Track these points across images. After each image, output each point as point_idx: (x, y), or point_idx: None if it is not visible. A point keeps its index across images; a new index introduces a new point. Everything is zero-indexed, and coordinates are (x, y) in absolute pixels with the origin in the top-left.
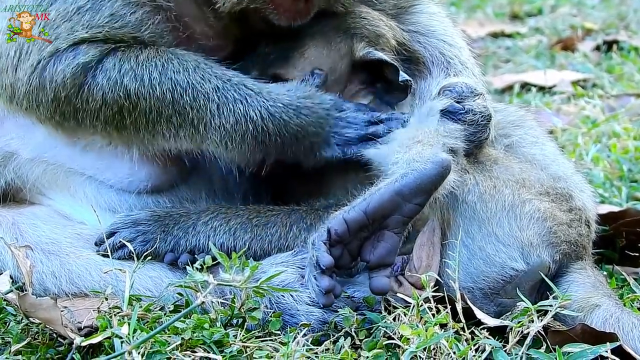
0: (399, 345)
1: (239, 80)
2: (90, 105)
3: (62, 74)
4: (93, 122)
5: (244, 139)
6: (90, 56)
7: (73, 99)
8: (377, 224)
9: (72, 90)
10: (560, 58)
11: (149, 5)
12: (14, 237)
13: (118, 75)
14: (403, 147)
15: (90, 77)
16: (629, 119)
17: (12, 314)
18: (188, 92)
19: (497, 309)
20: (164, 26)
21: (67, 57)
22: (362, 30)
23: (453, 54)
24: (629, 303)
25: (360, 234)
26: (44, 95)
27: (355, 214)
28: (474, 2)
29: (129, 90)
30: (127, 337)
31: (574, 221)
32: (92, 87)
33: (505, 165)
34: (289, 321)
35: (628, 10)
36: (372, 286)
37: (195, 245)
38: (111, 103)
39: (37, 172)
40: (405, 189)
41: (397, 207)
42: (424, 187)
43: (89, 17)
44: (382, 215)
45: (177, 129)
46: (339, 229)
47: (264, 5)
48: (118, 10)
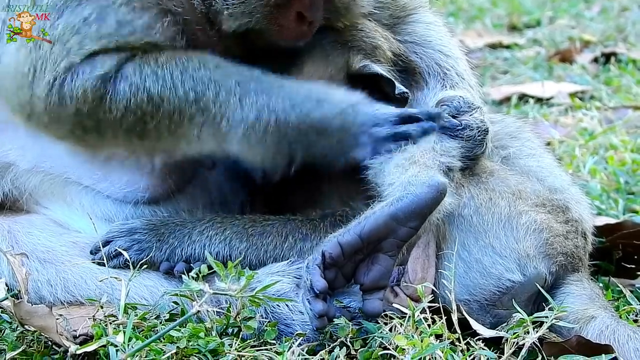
0: (394, 356)
1: (259, 74)
2: (112, 114)
3: (82, 88)
4: (115, 133)
5: (267, 132)
6: (108, 67)
7: (95, 112)
8: (371, 247)
9: (94, 103)
10: (558, 70)
11: (156, 8)
12: (10, 245)
13: (139, 80)
14: (399, 167)
15: (111, 87)
16: (626, 131)
17: (7, 322)
18: (210, 87)
19: (493, 320)
20: (174, 29)
21: (84, 71)
22: (359, 43)
23: (450, 65)
24: (624, 315)
25: (355, 257)
26: (65, 111)
27: (350, 237)
28: (472, 13)
29: (152, 93)
30: (122, 346)
31: (571, 233)
32: (114, 96)
33: (502, 177)
34: (284, 331)
35: (626, 22)
36: (365, 309)
37: (190, 255)
38: (134, 108)
39: (34, 182)
40: (401, 212)
41: (392, 230)
42: (420, 211)
43: (96, 27)
44: (376, 238)
45: (200, 129)
46: (333, 252)
47: (268, 27)
48: (124, 17)
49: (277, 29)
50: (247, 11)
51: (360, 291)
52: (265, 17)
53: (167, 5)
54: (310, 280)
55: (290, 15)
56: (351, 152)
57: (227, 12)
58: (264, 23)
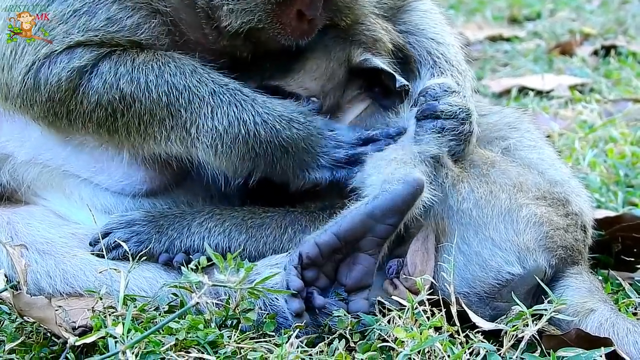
0: (393, 348)
1: (235, 86)
2: (83, 107)
3: (57, 77)
4: (85, 124)
5: (235, 143)
6: (85, 60)
7: (67, 101)
8: (350, 246)
9: (66, 93)
10: (558, 62)
11: (146, 8)
12: (9, 236)
13: (114, 79)
14: (377, 167)
15: (86, 80)
16: (626, 124)
17: (6, 313)
18: (184, 94)
19: (493, 312)
20: (160, 29)
21: (62, 60)
22: (360, 37)
23: (440, 52)
24: (624, 308)
25: (334, 257)
26: (39, 96)
27: (327, 237)
28: (472, 6)
29: (125, 93)
30: (121, 337)
31: (571, 226)
32: (86, 90)
33: (503, 168)
34: (283, 323)
35: (626, 15)
36: (350, 310)
37: (189, 246)
38: (105, 105)
39: (32, 174)
40: (377, 210)
41: (370, 228)
42: (396, 208)
43: (85, 20)
44: (354, 237)
45: (168, 131)
46: (310, 252)
47: (271, 26)
48: (114, 14)
49: (278, 27)
50: (249, 9)
51: (345, 292)
52: (266, 15)
53: (158, 5)
54: (286, 280)
55: (290, 13)
56: (310, 171)
57: (227, 9)
58: (265, 21)
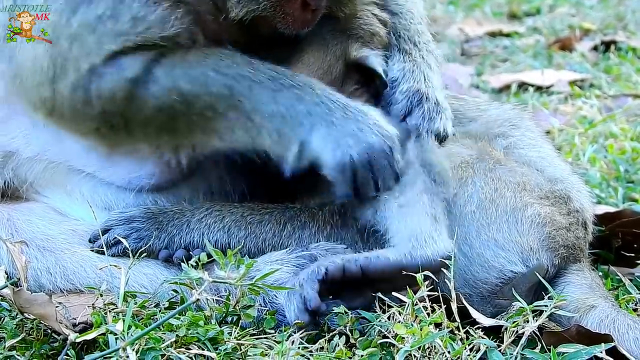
0: (393, 344)
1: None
2: (143, 113)
3: (110, 90)
4: (145, 130)
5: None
6: (136, 69)
7: (124, 111)
8: (367, 282)
9: (122, 103)
10: (557, 58)
11: (167, 1)
12: (9, 233)
13: (172, 82)
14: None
15: (142, 88)
16: (626, 119)
17: (6, 310)
18: (243, 84)
19: (494, 309)
20: (188, 19)
21: (109, 72)
22: (357, 31)
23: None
24: (624, 304)
25: (350, 283)
26: (91, 110)
27: (354, 268)
28: (472, 1)
29: (185, 93)
30: (122, 334)
31: (573, 224)
32: (144, 97)
33: (509, 166)
34: (283, 320)
35: (626, 10)
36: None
37: (189, 243)
38: (166, 108)
39: (36, 171)
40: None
41: (393, 279)
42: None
43: (112, 25)
44: (376, 279)
45: (233, 123)
46: (335, 274)
47: (274, 14)
48: (137, 12)
49: (282, 16)
50: None
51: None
52: (271, 4)
53: None
54: (305, 296)
55: (295, 2)
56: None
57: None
58: (269, 10)
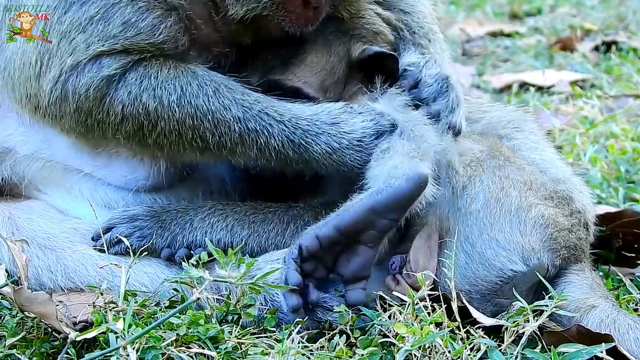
0: (394, 344)
1: (261, 107)
2: (111, 117)
3: (86, 87)
4: (115, 135)
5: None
6: (113, 69)
7: (94, 111)
8: (350, 239)
9: (94, 102)
10: (559, 58)
11: (159, 8)
12: (10, 231)
13: (138, 91)
14: (382, 159)
15: (113, 89)
16: (627, 119)
17: (7, 308)
18: (208, 118)
19: (494, 309)
20: (177, 27)
21: (90, 69)
22: (360, 31)
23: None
24: (624, 304)
25: (334, 249)
26: (67, 106)
27: (327, 230)
28: (473, 1)
29: (148, 109)
30: (122, 333)
31: (575, 225)
32: (113, 99)
33: (518, 164)
34: (283, 318)
35: (627, 11)
36: (348, 300)
37: (192, 241)
38: (131, 118)
39: (34, 169)
40: (379, 205)
41: (371, 223)
42: (399, 203)
43: (102, 27)
44: (355, 231)
45: (202, 150)
46: (310, 245)
47: (275, 13)
48: (129, 17)
49: (284, 14)
50: None
51: (342, 284)
52: (272, 1)
53: (172, 1)
54: (286, 275)
55: (296, 0)
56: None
57: None
58: (271, 8)
